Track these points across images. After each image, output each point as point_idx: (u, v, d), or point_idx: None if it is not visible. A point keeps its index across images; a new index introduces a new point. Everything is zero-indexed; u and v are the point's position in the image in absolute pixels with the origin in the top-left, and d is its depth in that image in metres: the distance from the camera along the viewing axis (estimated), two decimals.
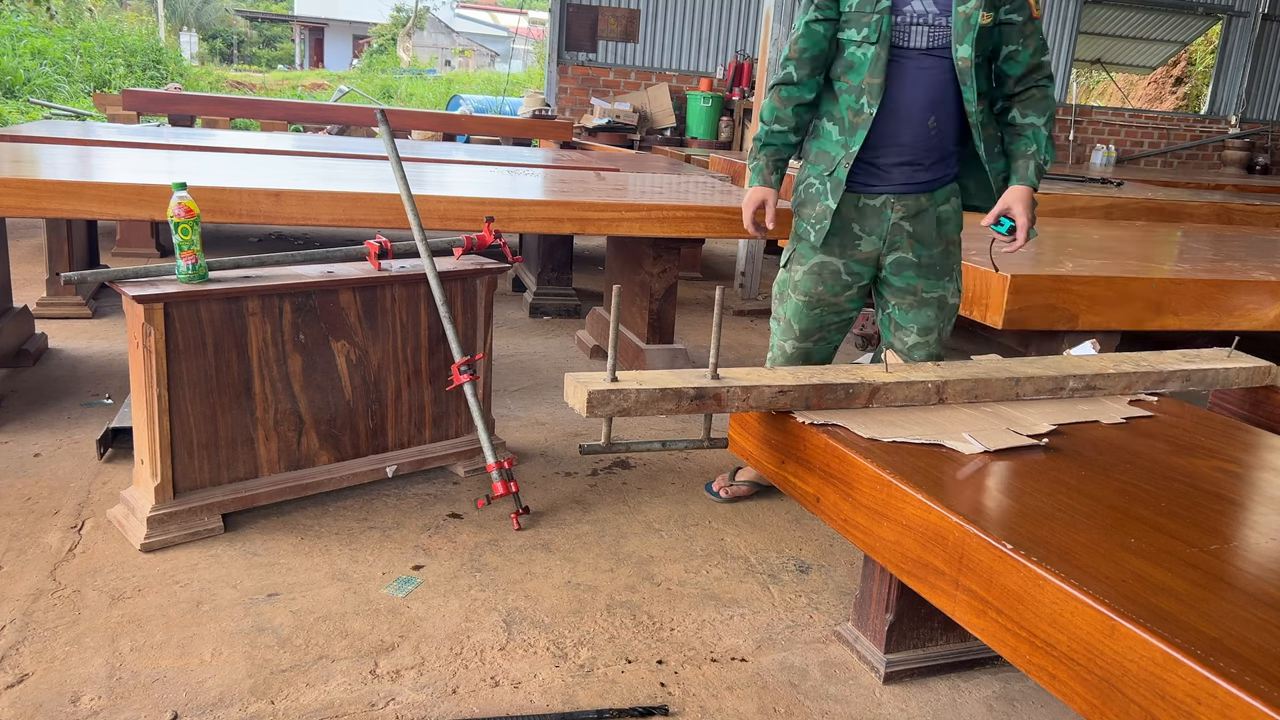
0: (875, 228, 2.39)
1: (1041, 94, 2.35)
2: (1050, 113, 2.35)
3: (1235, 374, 2.26)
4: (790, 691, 1.86)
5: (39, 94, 11.38)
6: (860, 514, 1.66)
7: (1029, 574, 1.31)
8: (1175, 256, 3.78)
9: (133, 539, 2.22)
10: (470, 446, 2.75)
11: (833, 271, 2.44)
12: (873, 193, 2.37)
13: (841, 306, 2.50)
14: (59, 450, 2.72)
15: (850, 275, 2.45)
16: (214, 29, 28.03)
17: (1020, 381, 2.03)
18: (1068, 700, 1.25)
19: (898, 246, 2.40)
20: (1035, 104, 2.34)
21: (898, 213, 2.37)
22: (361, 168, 3.92)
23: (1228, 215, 5.70)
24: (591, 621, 2.05)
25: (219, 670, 1.79)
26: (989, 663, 1.99)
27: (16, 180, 2.69)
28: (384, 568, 2.20)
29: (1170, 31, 11.26)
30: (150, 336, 2.15)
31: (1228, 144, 11.05)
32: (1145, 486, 1.63)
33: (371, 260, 2.53)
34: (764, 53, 4.99)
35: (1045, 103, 2.35)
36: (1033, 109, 2.34)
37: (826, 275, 2.45)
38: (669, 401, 1.77)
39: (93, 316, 4.11)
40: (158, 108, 7.62)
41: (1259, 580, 1.32)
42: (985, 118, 2.34)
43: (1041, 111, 2.34)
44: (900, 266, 2.42)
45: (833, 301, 2.48)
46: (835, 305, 2.49)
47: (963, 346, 4.76)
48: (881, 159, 2.34)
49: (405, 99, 17.13)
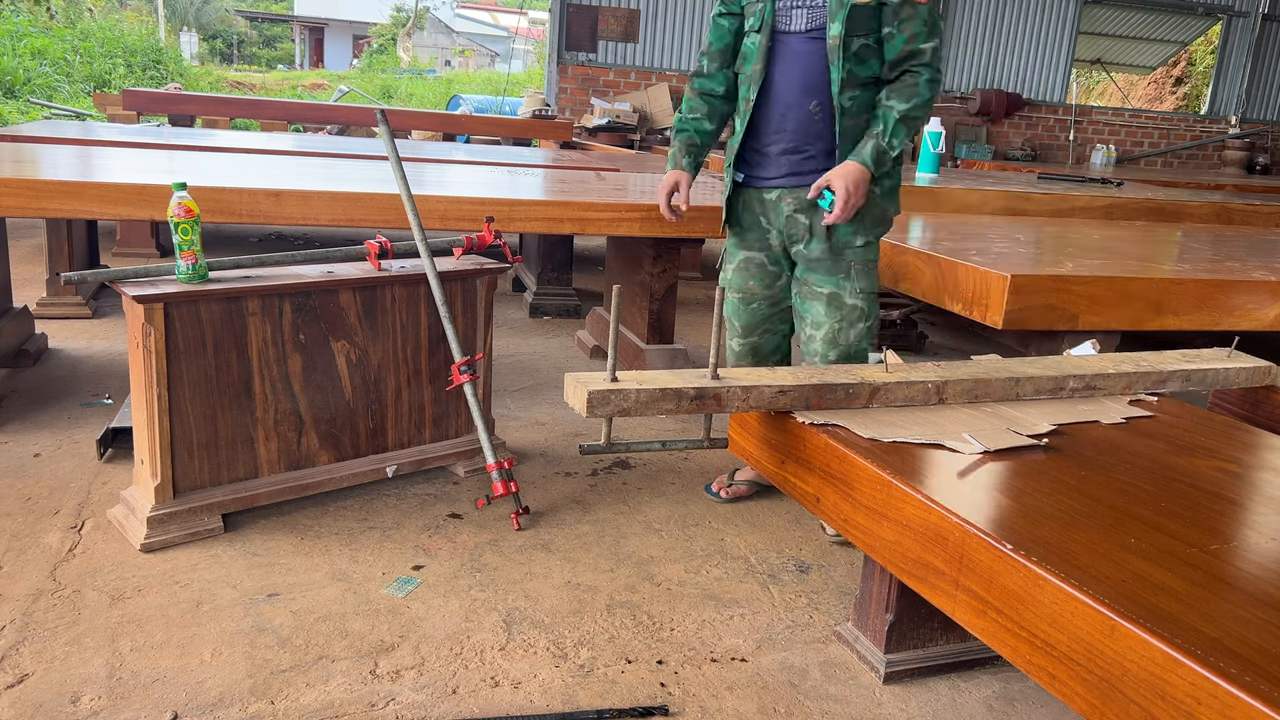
0: (775, 221, 2.43)
1: (911, 80, 2.27)
2: (916, 101, 2.25)
3: (1235, 374, 2.26)
4: (790, 691, 1.86)
5: (39, 94, 11.38)
6: (860, 514, 1.66)
7: (1029, 574, 1.31)
8: (1175, 256, 3.78)
9: (133, 539, 2.22)
10: (470, 446, 2.75)
11: (758, 265, 2.49)
12: (769, 186, 2.41)
13: (776, 298, 2.52)
14: (59, 450, 2.72)
15: (774, 266, 2.48)
16: (214, 29, 28.03)
17: (1020, 381, 2.03)
18: (1068, 700, 1.25)
19: (795, 239, 2.41)
20: (900, 89, 2.27)
21: (789, 205, 2.39)
22: (361, 168, 3.92)
23: (1228, 215, 5.70)
24: (591, 621, 2.05)
25: (219, 670, 1.79)
26: (989, 663, 1.99)
27: (16, 180, 2.69)
28: (384, 568, 2.20)
29: (1170, 31, 11.26)
30: (150, 336, 2.15)
31: (1228, 144, 11.05)
32: (1145, 486, 1.63)
33: (371, 260, 2.53)
34: None
35: (911, 89, 2.26)
36: (896, 94, 2.26)
37: (753, 269, 2.50)
38: (669, 401, 1.77)
39: (93, 316, 4.11)
40: (158, 108, 7.62)
41: (1259, 580, 1.32)
42: (858, 104, 2.29)
43: (905, 98, 2.25)
44: (800, 259, 2.43)
45: (765, 294, 2.51)
46: (769, 298, 2.51)
47: (963, 346, 4.76)
48: (770, 147, 2.37)
49: (405, 99, 17.13)
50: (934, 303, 3.22)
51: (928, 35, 2.25)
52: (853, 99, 2.28)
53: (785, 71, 2.30)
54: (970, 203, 5.11)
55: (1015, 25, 10.27)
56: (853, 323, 2.41)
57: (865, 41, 2.25)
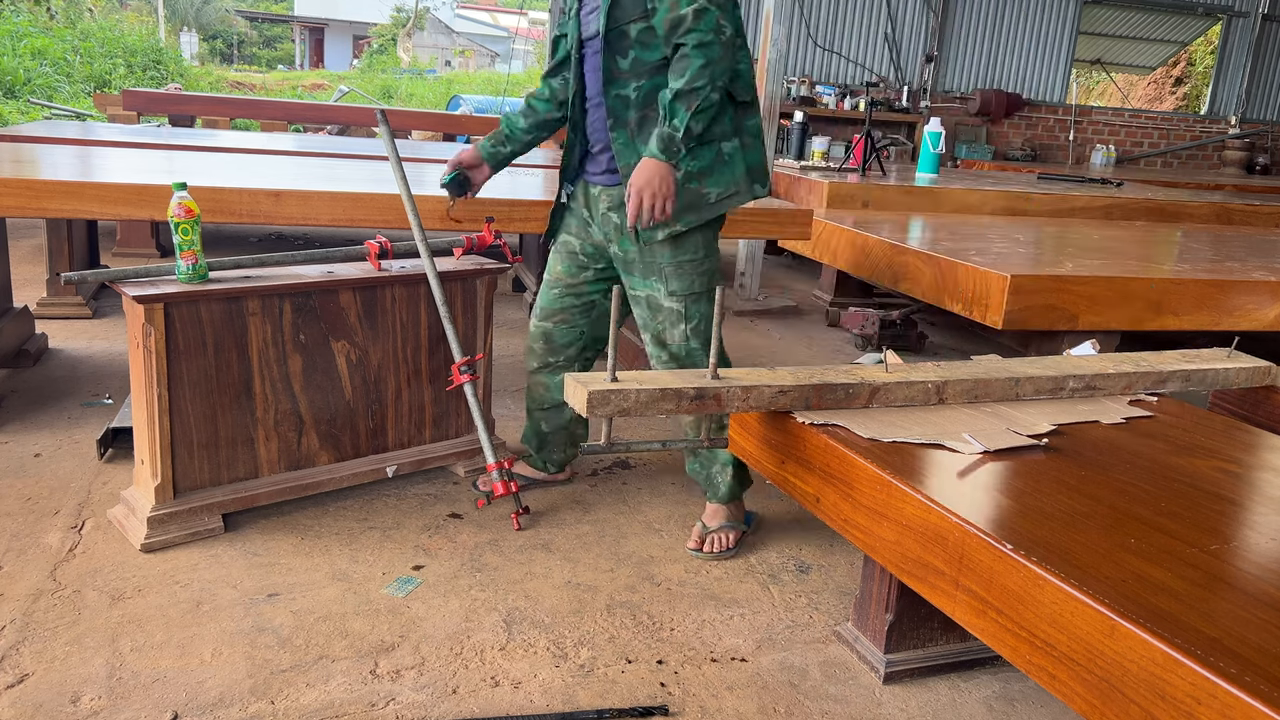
0: (595, 216, 2.43)
1: (679, 56, 2.14)
2: (688, 75, 2.11)
3: (1235, 374, 2.26)
4: (790, 691, 1.86)
5: (39, 94, 11.38)
6: (860, 514, 1.66)
7: (1029, 574, 1.31)
8: (1175, 257, 3.78)
9: (133, 539, 2.22)
10: (470, 446, 2.75)
11: (570, 252, 2.50)
12: (594, 182, 2.42)
13: (579, 290, 2.50)
14: (59, 450, 2.72)
15: (585, 258, 2.48)
16: (214, 29, 28.02)
17: (1020, 381, 2.03)
18: (1068, 700, 1.25)
19: (610, 238, 2.40)
20: (674, 67, 2.15)
21: (604, 203, 2.39)
22: (361, 168, 3.92)
23: (1228, 215, 5.70)
24: (591, 621, 2.05)
25: (219, 670, 1.79)
26: (989, 663, 1.99)
27: (17, 180, 2.69)
28: (384, 568, 2.20)
29: (1170, 32, 11.25)
30: (150, 336, 2.15)
31: (1228, 144, 11.05)
32: (1145, 486, 1.63)
33: (371, 260, 2.53)
34: (764, 53, 4.99)
35: (681, 63, 2.13)
36: (672, 74, 2.15)
37: (564, 254, 2.51)
38: (669, 401, 1.77)
39: (93, 316, 4.12)
40: (158, 108, 7.62)
41: (1259, 580, 1.32)
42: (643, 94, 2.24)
43: (677, 74, 2.13)
44: (617, 260, 2.42)
45: (569, 283, 2.50)
46: (572, 288, 2.50)
47: (963, 346, 4.76)
48: (592, 147, 2.41)
49: (405, 99, 17.13)
50: (934, 303, 3.22)
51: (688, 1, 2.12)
52: (638, 89, 2.23)
53: (589, 74, 2.34)
54: (970, 203, 5.11)
55: (1015, 25, 10.27)
56: (673, 324, 2.34)
57: (646, 24, 2.19)
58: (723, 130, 2.27)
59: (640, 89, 2.23)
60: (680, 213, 2.25)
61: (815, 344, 4.59)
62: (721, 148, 2.27)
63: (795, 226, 3.47)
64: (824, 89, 9.52)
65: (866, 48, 9.89)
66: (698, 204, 2.27)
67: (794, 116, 6.43)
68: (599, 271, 2.48)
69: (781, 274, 6.32)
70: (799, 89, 9.35)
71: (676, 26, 2.13)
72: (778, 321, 5.03)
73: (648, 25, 2.17)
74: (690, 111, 2.12)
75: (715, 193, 2.29)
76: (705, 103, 2.13)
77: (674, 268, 2.31)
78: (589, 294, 2.51)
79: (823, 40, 9.75)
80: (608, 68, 2.24)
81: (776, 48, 4.92)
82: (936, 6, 9.87)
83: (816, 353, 4.44)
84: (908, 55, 10.00)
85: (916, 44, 9.99)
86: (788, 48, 7.28)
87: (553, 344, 2.56)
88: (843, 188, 4.91)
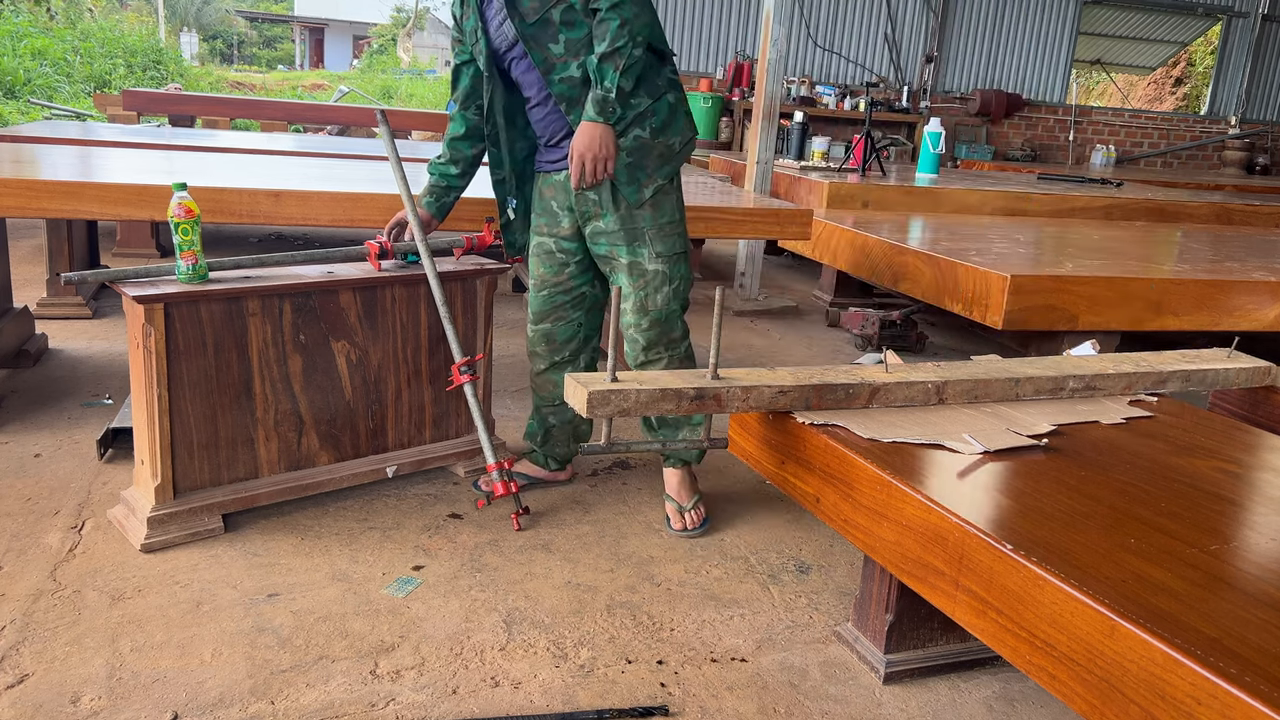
0: (564, 201, 2.45)
1: (598, 22, 2.20)
2: (609, 36, 2.18)
3: (1235, 374, 2.26)
4: (790, 691, 1.86)
5: (39, 94, 11.38)
6: (860, 514, 1.66)
7: (1029, 574, 1.31)
8: (1175, 257, 3.78)
9: (133, 539, 2.22)
10: (470, 447, 2.75)
11: (546, 251, 2.52)
12: (555, 170, 2.45)
13: (567, 286, 2.53)
14: (59, 450, 2.72)
15: (562, 253, 2.51)
16: (214, 29, 28.03)
17: (1020, 382, 2.03)
18: (1068, 701, 1.25)
19: (589, 216, 2.42)
20: (596, 36, 2.22)
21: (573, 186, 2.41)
22: (361, 168, 3.92)
23: (1228, 215, 5.70)
24: (591, 622, 2.05)
25: (219, 670, 1.79)
26: (989, 663, 1.99)
27: (16, 180, 2.69)
28: (384, 568, 2.20)
29: (1170, 32, 11.26)
30: (150, 337, 2.15)
31: (1228, 144, 11.05)
32: (1145, 486, 1.63)
33: (371, 260, 2.53)
34: (764, 53, 4.99)
35: (601, 29, 2.19)
36: (596, 41, 2.22)
37: (541, 255, 2.53)
38: (669, 401, 1.77)
39: (93, 317, 4.12)
40: (158, 108, 7.62)
41: (1259, 580, 1.32)
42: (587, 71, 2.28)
43: (600, 38, 2.20)
44: (598, 235, 2.43)
45: (555, 281, 2.53)
46: (559, 285, 2.53)
47: (963, 346, 4.76)
48: (541, 140, 2.46)
49: (405, 99, 17.13)
50: (934, 303, 3.22)
51: None
52: (580, 66, 2.29)
53: (522, 78, 2.39)
54: (970, 203, 5.12)
55: (1015, 25, 10.27)
56: (657, 288, 2.41)
57: (566, 4, 2.25)
58: (665, 81, 2.37)
59: (582, 65, 2.29)
60: (658, 165, 2.36)
61: (815, 344, 4.59)
62: (668, 99, 2.37)
63: (795, 226, 3.47)
64: (824, 89, 9.52)
65: (866, 48, 9.89)
66: (669, 155, 2.38)
67: (794, 117, 6.43)
68: (579, 264, 2.52)
69: (781, 274, 6.32)
70: (799, 89, 9.36)
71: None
72: (778, 321, 5.03)
73: (568, 4, 2.25)
74: (619, 71, 2.21)
75: (678, 141, 2.40)
76: (630, 60, 2.21)
77: (656, 230, 2.39)
78: (576, 287, 2.54)
79: (823, 40, 9.75)
80: (542, 59, 2.29)
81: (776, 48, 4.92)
82: (936, 6, 9.87)
83: (816, 353, 4.44)
84: (908, 55, 10.00)
85: (916, 44, 10.00)
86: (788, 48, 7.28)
87: (554, 343, 2.58)
88: (843, 188, 4.91)
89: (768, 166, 5.14)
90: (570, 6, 2.25)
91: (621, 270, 2.42)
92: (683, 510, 2.52)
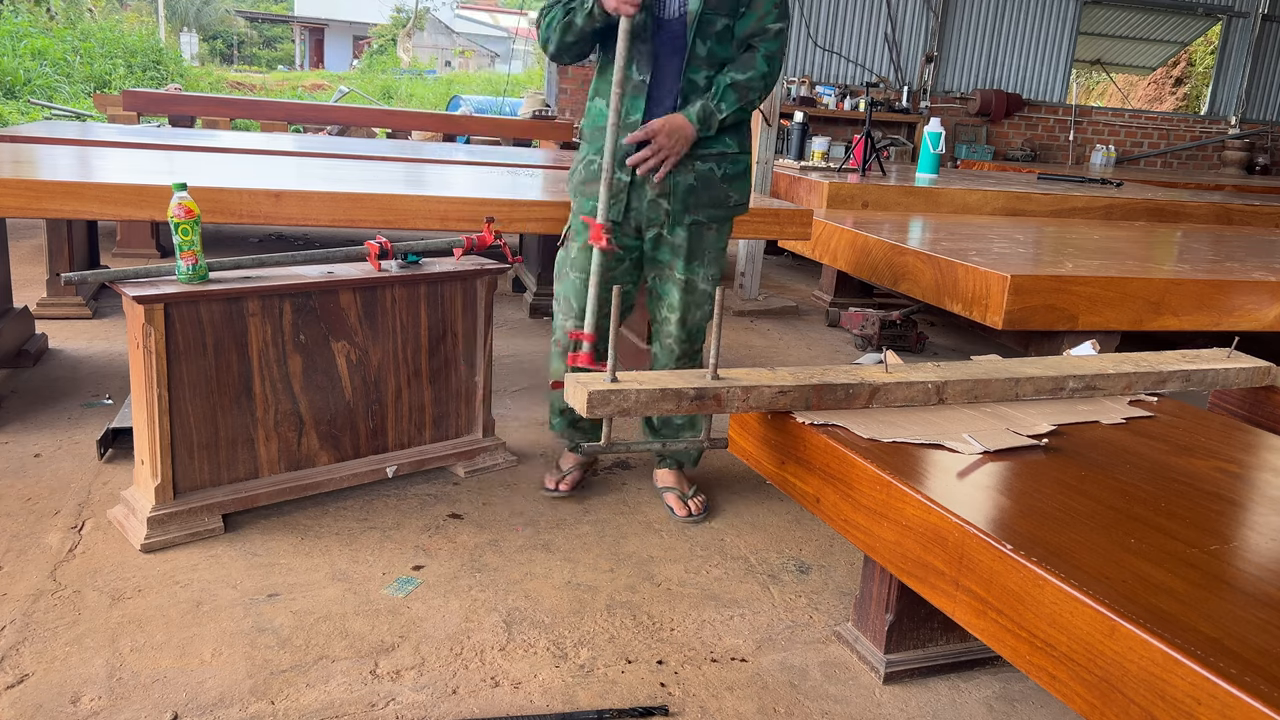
0: (634, 202, 2.43)
1: (750, 55, 2.34)
2: (751, 73, 2.32)
3: (1235, 374, 2.26)
4: (790, 692, 1.86)
5: (39, 94, 11.38)
6: (860, 514, 1.66)
7: (1029, 574, 1.31)
8: (1175, 257, 3.78)
9: (133, 539, 2.22)
10: (470, 446, 2.75)
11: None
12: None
13: (617, 280, 2.50)
14: (59, 451, 2.72)
15: (622, 248, 2.48)
16: (214, 29, 28.02)
17: (1020, 382, 2.03)
18: (1068, 700, 1.25)
19: (655, 222, 2.42)
20: (739, 63, 2.34)
21: (653, 189, 2.40)
22: (361, 168, 3.92)
23: (1228, 215, 5.70)
24: (591, 622, 2.05)
25: (219, 670, 1.79)
26: (989, 663, 1.99)
27: (16, 180, 2.69)
28: (384, 568, 2.20)
29: (1170, 32, 11.26)
30: (150, 337, 2.15)
31: (1228, 144, 11.05)
32: (1145, 486, 1.63)
33: (371, 260, 2.53)
34: None
35: (748, 62, 2.33)
36: (735, 67, 2.33)
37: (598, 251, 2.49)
38: (669, 401, 1.77)
39: (93, 317, 4.12)
40: (158, 108, 7.61)
41: (1259, 580, 1.32)
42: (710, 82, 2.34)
43: (741, 69, 2.32)
44: (659, 243, 2.45)
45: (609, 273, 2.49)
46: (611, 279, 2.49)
47: (963, 346, 4.76)
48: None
49: (405, 99, 17.13)
50: (934, 303, 3.22)
51: (776, 17, 2.34)
52: (708, 78, 2.33)
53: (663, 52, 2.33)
54: (970, 203, 5.12)
55: (1015, 25, 10.27)
56: (700, 305, 2.50)
57: (728, 23, 2.31)
58: (744, 142, 2.43)
59: (709, 79, 2.34)
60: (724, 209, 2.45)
61: (815, 344, 4.59)
62: (747, 159, 2.48)
63: (795, 226, 3.47)
64: (824, 89, 9.52)
65: (866, 48, 9.89)
66: (723, 203, 2.46)
67: (794, 117, 6.43)
68: (634, 261, 2.52)
69: (781, 274, 6.32)
70: (799, 89, 9.35)
71: (757, 35, 2.34)
72: (778, 321, 5.03)
73: (728, 25, 2.31)
74: (739, 104, 2.32)
75: (734, 199, 2.48)
76: (749, 104, 2.35)
77: (714, 254, 2.49)
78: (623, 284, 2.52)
79: (823, 40, 9.75)
80: (693, 50, 2.30)
81: None
82: (936, 6, 9.87)
83: (816, 353, 4.44)
84: (908, 55, 10.00)
85: (916, 44, 9.99)
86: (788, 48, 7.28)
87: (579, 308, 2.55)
88: (843, 188, 4.91)
89: (768, 166, 5.14)
90: (729, 28, 2.31)
91: (675, 284, 2.46)
92: (685, 498, 2.57)
